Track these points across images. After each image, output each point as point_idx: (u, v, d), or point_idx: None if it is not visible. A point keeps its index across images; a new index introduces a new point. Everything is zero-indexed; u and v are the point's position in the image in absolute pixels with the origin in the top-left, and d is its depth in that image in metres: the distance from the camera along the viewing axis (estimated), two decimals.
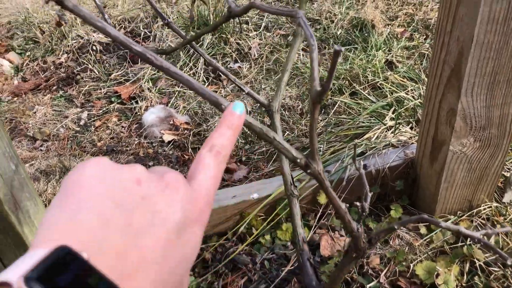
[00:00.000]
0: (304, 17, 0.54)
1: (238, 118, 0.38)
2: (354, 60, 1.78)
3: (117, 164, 0.31)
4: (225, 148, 0.36)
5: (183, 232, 0.30)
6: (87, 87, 1.99)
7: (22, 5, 2.75)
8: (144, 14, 2.43)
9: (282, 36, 2.11)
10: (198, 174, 0.33)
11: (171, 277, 0.29)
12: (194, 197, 0.32)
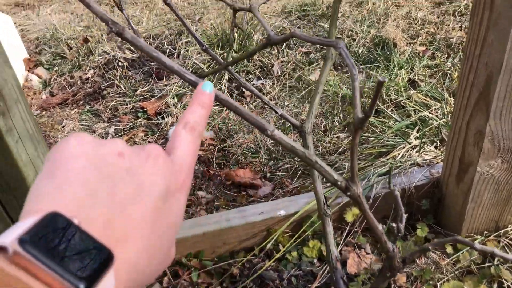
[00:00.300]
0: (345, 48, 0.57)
1: (209, 96, 0.40)
2: (375, 79, 1.81)
3: (99, 139, 0.33)
4: (199, 124, 0.38)
5: (168, 200, 0.32)
6: (114, 102, 2.04)
7: (50, 22, 2.84)
8: (169, 31, 2.49)
9: (304, 53, 2.14)
10: (176, 148, 0.35)
11: (160, 243, 0.31)
12: (175, 168, 0.34)
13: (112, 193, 0.29)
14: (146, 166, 0.32)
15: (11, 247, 0.23)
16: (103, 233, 0.27)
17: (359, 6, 2.46)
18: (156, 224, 0.30)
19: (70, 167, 0.30)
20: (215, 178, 1.53)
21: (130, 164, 0.31)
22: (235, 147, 1.65)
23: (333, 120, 1.67)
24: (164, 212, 0.31)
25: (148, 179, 0.31)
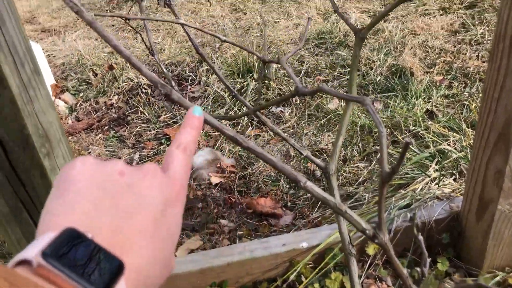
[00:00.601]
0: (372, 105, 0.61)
1: (198, 119, 0.45)
2: (394, 108, 1.85)
3: (101, 161, 0.37)
4: (190, 144, 0.42)
5: (166, 211, 0.35)
6: (138, 128, 2.11)
7: (75, 48, 2.94)
8: (190, 58, 2.57)
9: (322, 81, 2.19)
10: (171, 165, 0.39)
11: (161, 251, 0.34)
12: (171, 182, 0.37)
13: (117, 207, 0.33)
14: (145, 182, 0.35)
15: (35, 260, 0.27)
16: (111, 243, 0.30)
17: (376, 34, 2.51)
18: (157, 233, 0.34)
19: (78, 187, 0.33)
20: (237, 206, 1.57)
21: (131, 181, 0.35)
22: (256, 175, 1.69)
23: (352, 149, 1.70)
24: (164, 222, 0.35)
25: (147, 193, 0.35)
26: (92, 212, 0.32)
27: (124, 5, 3.59)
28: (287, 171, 0.66)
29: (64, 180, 0.35)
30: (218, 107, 2.12)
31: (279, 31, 2.73)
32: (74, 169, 0.35)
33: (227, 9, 3.18)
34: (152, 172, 0.37)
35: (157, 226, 0.34)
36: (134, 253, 0.31)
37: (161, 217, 0.35)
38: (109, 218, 0.32)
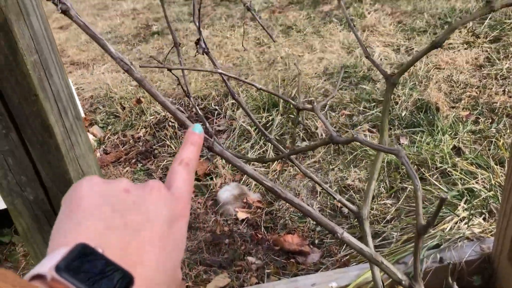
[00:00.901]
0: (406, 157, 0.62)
1: (199, 136, 0.46)
2: (421, 144, 1.84)
3: (106, 180, 0.39)
4: (191, 160, 0.43)
5: (172, 226, 0.36)
6: (165, 161, 2.15)
7: (103, 81, 3.03)
8: (216, 92, 2.62)
9: (347, 116, 2.21)
10: (175, 182, 0.40)
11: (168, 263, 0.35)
12: (175, 198, 0.38)
13: (125, 223, 0.34)
14: (150, 198, 0.37)
15: (49, 274, 0.28)
16: (121, 258, 0.32)
17: (400, 68, 2.52)
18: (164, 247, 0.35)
19: (86, 205, 0.35)
20: (264, 242, 1.58)
21: (136, 198, 0.36)
22: (282, 211, 1.70)
23: (379, 186, 1.70)
24: (170, 236, 0.36)
25: (153, 209, 0.36)
26: (101, 228, 0.33)
27: (150, 38, 3.70)
28: (324, 222, 0.68)
29: (72, 199, 0.36)
30: (244, 141, 2.15)
31: (303, 65, 2.77)
32: (81, 188, 0.37)
33: (251, 43, 3.25)
34: (156, 188, 0.38)
35: (164, 240, 0.35)
36: (143, 267, 0.33)
37: (167, 231, 0.36)
38: (117, 234, 0.33)
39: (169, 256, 0.35)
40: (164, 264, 0.35)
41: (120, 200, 0.36)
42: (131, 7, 4.62)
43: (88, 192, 0.36)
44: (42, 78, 0.78)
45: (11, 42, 0.72)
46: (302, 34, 3.20)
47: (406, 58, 2.60)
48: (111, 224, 0.34)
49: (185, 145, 0.45)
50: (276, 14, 3.71)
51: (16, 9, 0.72)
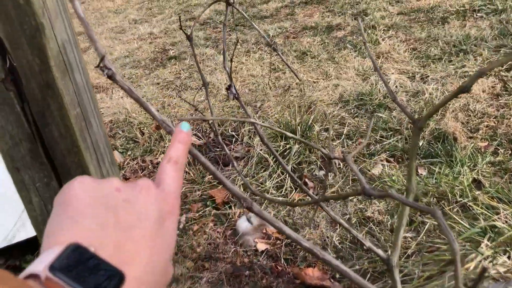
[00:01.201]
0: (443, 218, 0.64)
1: (186, 134, 0.47)
2: (439, 176, 1.85)
3: (97, 179, 0.40)
4: (180, 157, 0.44)
5: (162, 223, 0.38)
6: (184, 189, 2.17)
7: (123, 105, 3.08)
8: None
9: (365, 145, 2.22)
10: (164, 180, 0.42)
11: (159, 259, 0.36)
12: (165, 196, 0.40)
13: (116, 222, 0.35)
14: (141, 197, 0.38)
15: (43, 274, 0.29)
16: (113, 256, 0.33)
17: (415, 96, 2.54)
18: (155, 244, 0.36)
19: (78, 205, 0.36)
20: (284, 275, 1.58)
21: (127, 196, 0.38)
22: None
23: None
24: (160, 233, 0.37)
25: (144, 207, 0.37)
26: (93, 227, 0.34)
27: (168, 63, 3.76)
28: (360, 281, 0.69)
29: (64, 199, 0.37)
30: (261, 169, 2.17)
31: (318, 91, 2.80)
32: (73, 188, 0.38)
33: (266, 69, 3.29)
34: (146, 187, 0.39)
35: (154, 237, 0.36)
36: (134, 264, 0.34)
37: (158, 229, 0.37)
38: (109, 233, 0.34)
39: (159, 252, 0.37)
40: (155, 260, 0.36)
41: (112, 198, 0.37)
42: (148, 31, 4.70)
43: (80, 191, 0.37)
44: (83, 129, 0.81)
45: (58, 98, 0.75)
46: (316, 60, 3.24)
47: (422, 85, 2.62)
48: (103, 223, 0.35)
49: (173, 143, 0.46)
50: (291, 39, 3.76)
51: (62, 66, 0.76)
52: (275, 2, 4.88)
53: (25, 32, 0.69)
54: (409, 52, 3.06)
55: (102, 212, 0.36)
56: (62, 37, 0.75)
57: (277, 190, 2.02)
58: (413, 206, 0.72)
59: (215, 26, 4.53)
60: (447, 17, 3.44)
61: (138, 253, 0.35)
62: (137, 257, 0.34)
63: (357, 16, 0.89)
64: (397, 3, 3.99)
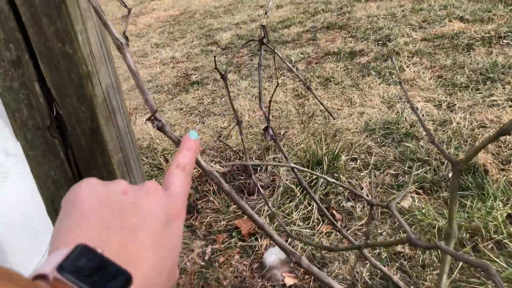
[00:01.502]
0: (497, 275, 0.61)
1: (194, 142, 0.49)
2: (471, 210, 1.80)
3: (104, 182, 0.40)
4: (188, 164, 0.46)
5: (168, 226, 0.38)
6: (208, 218, 2.16)
7: (146, 131, 3.10)
8: (257, 146, 2.64)
9: (393, 175, 2.19)
10: (171, 183, 0.43)
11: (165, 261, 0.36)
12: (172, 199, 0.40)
13: (122, 223, 0.35)
14: (147, 199, 0.38)
15: (51, 274, 0.29)
16: (120, 257, 0.33)
17: (443, 125, 2.50)
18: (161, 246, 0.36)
19: (85, 206, 0.36)
20: None
21: (134, 199, 0.38)
22: (331, 278, 1.67)
23: (431, 254, 1.66)
24: (166, 235, 0.37)
25: (150, 210, 0.37)
26: (100, 229, 0.34)
27: (190, 88, 3.79)
28: None
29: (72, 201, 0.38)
30: (287, 199, 2.14)
31: (343, 119, 2.78)
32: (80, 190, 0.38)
33: (289, 95, 3.29)
34: (153, 190, 0.40)
35: (161, 239, 0.37)
36: (140, 265, 0.34)
37: (164, 231, 0.37)
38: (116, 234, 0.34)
39: (165, 255, 0.37)
40: (161, 263, 0.36)
41: (118, 200, 0.38)
42: (170, 55, 4.76)
43: (87, 193, 0.38)
44: (124, 174, 0.81)
45: (101, 144, 0.75)
46: (340, 87, 3.23)
47: (449, 114, 2.58)
48: (110, 224, 0.35)
49: (181, 150, 0.47)
50: (313, 65, 3.76)
51: (106, 113, 0.76)
52: (296, 27, 4.91)
53: (73, 81, 0.69)
54: (434, 79, 3.03)
55: (108, 214, 0.36)
56: (107, 82, 0.76)
57: (303, 222, 1.99)
58: (464, 260, 0.69)
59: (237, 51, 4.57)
60: (472, 43, 3.41)
61: (143, 254, 0.35)
62: (143, 258, 0.35)
63: (391, 56, 0.88)
64: (420, 29, 3.97)
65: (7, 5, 0.63)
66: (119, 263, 0.32)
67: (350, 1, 5.37)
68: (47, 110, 0.72)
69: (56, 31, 0.66)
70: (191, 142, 0.49)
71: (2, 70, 0.68)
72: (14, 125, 0.75)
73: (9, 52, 0.67)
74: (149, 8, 7.71)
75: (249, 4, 6.39)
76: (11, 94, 0.71)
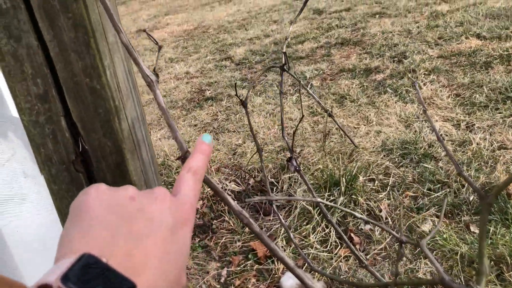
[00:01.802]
0: None
1: (207, 146, 0.47)
2: (495, 236, 1.75)
3: (112, 188, 0.39)
4: (200, 168, 0.45)
5: (176, 232, 0.37)
6: (224, 239, 2.13)
7: (161, 148, 3.09)
8: (272, 164, 2.62)
9: (412, 197, 2.14)
10: (181, 189, 0.42)
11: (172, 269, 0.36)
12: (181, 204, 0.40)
13: (129, 231, 0.35)
14: (155, 206, 0.38)
15: (55, 284, 0.29)
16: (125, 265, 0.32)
17: (462, 145, 2.46)
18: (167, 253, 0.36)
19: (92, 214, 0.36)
20: None
21: (141, 206, 0.38)
22: None
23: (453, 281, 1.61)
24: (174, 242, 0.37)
25: (157, 216, 0.37)
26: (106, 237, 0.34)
27: (205, 104, 3.79)
28: None
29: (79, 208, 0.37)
30: (304, 221, 2.11)
31: (360, 137, 2.75)
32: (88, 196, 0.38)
33: (305, 112, 3.27)
34: (161, 196, 0.39)
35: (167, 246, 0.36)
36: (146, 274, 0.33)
37: (171, 238, 0.37)
38: (122, 242, 0.34)
39: (172, 262, 0.36)
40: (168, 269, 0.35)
41: (126, 208, 0.37)
42: (184, 70, 4.78)
43: (94, 200, 0.38)
44: None
45: (126, 179, 0.73)
46: (356, 104, 3.20)
47: (468, 134, 2.53)
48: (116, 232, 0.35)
49: (194, 153, 0.46)
50: (328, 81, 3.74)
51: (132, 146, 0.74)
52: (310, 43, 4.91)
53: (100, 116, 0.68)
54: (452, 98, 2.99)
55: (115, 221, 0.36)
56: (132, 115, 0.74)
57: (321, 245, 1.96)
58: None
59: (251, 67, 4.57)
60: (490, 61, 3.37)
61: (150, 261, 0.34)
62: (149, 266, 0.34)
63: (414, 82, 0.87)
64: (437, 46, 3.94)
65: (36, 41, 0.62)
66: (124, 272, 0.32)
67: (364, 17, 5.36)
68: (72, 145, 0.70)
69: (84, 67, 0.65)
70: (205, 146, 0.48)
71: (29, 105, 0.67)
72: (38, 159, 0.74)
73: (36, 87, 0.66)
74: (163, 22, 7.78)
75: (263, 19, 6.41)
76: (37, 128, 0.70)
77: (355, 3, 6.14)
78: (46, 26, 0.63)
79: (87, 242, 0.34)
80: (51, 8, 0.62)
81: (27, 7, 0.62)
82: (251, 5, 7.57)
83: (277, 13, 6.57)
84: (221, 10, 7.70)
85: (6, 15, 0.62)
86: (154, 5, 9.47)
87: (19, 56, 0.65)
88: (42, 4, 0.61)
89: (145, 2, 10.03)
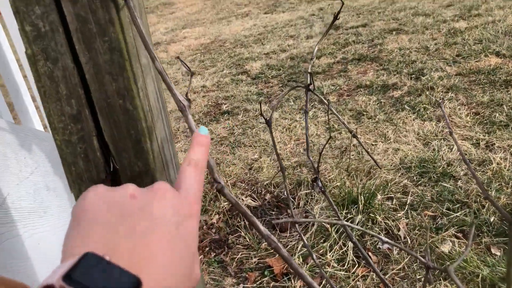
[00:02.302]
0: None
1: (205, 137, 0.47)
2: None
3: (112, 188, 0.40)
4: (201, 160, 0.44)
5: (180, 226, 0.37)
6: (240, 254, 2.12)
7: None
8: (289, 180, 2.61)
9: (430, 217, 2.12)
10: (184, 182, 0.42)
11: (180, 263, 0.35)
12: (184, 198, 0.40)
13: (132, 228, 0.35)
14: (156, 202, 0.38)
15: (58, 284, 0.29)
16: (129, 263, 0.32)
17: (482, 165, 2.43)
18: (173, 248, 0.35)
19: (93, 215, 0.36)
20: None
21: (142, 203, 0.37)
22: None
23: None
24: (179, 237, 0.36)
25: (158, 212, 0.37)
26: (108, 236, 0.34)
27: (221, 118, 3.81)
28: None
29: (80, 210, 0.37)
30: (321, 239, 2.09)
31: (378, 155, 2.73)
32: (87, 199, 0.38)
33: (321, 128, 3.26)
34: (162, 191, 0.39)
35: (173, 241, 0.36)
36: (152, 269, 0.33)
37: (175, 233, 0.36)
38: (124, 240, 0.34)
39: (179, 256, 0.36)
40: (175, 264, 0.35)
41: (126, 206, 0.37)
42: (200, 84, 4.82)
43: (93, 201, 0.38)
44: None
45: None
46: (373, 121, 3.19)
47: (488, 154, 2.50)
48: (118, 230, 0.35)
49: (193, 146, 0.46)
50: (345, 97, 3.74)
51: (161, 167, 0.75)
52: (327, 58, 4.92)
53: (131, 137, 0.69)
54: (471, 116, 2.96)
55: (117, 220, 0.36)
56: (162, 135, 0.75)
57: (338, 263, 1.94)
58: None
59: (267, 81, 4.59)
60: (510, 80, 3.34)
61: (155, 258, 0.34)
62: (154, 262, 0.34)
63: (440, 102, 0.87)
64: (455, 63, 3.92)
65: (72, 63, 0.63)
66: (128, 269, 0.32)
67: (381, 33, 5.36)
68: (103, 164, 0.71)
69: (118, 89, 0.66)
70: (202, 138, 0.48)
71: (62, 125, 0.68)
72: (69, 177, 0.75)
73: (70, 107, 0.67)
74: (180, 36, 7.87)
75: (279, 34, 6.45)
76: (69, 148, 0.71)
77: (372, 19, 6.15)
78: (82, 49, 0.64)
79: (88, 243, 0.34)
80: (88, 31, 0.63)
81: (65, 30, 0.63)
82: (268, 19, 7.62)
83: (294, 28, 6.61)
84: (237, 24, 7.77)
85: (44, 38, 0.63)
86: (172, 19, 9.59)
87: (55, 78, 0.66)
88: (80, 27, 0.62)
89: (162, 15, 10.16)
